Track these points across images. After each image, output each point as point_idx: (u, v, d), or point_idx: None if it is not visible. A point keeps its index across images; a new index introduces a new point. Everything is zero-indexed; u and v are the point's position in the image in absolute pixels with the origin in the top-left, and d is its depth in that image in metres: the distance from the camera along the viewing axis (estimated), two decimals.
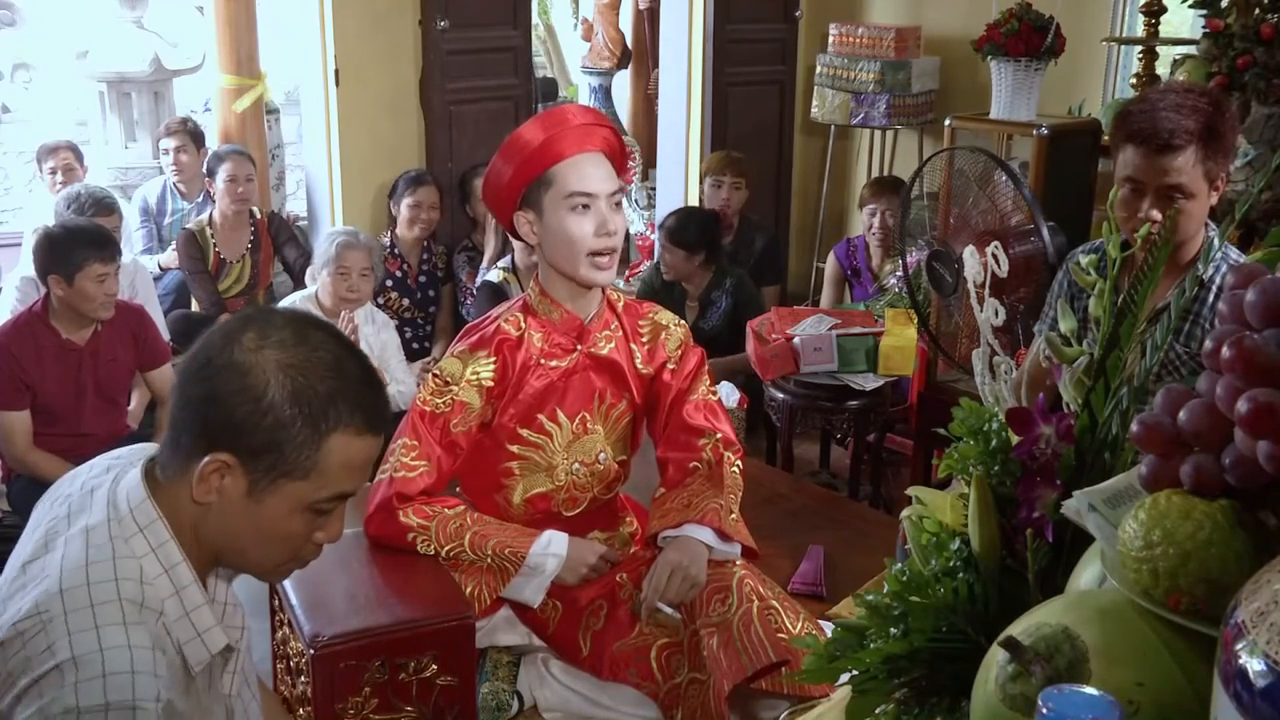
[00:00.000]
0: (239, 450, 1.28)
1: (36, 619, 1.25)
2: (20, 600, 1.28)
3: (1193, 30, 4.36)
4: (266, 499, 1.31)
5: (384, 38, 4.95)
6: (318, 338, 1.33)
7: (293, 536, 1.35)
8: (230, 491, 1.30)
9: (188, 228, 4.89)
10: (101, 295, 3.43)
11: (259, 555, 1.37)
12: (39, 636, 1.23)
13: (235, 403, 1.27)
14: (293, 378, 1.28)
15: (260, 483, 1.30)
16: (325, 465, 1.30)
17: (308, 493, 1.31)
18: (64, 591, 1.26)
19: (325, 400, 1.29)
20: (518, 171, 2.10)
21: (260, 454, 1.28)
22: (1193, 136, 2.18)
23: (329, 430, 1.30)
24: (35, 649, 1.23)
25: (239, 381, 1.27)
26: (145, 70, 6.11)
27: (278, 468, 1.29)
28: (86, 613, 1.24)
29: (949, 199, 3.26)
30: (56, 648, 1.22)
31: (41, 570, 1.30)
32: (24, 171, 6.89)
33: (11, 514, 3.55)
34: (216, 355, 1.29)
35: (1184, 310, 1.17)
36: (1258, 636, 0.67)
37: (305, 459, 1.29)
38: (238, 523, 1.33)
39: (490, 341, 2.16)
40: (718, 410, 2.32)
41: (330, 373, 1.31)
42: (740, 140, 5.62)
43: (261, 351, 1.29)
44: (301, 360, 1.30)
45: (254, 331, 1.30)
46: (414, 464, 2.12)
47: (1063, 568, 1.02)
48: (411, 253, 4.89)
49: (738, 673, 1.96)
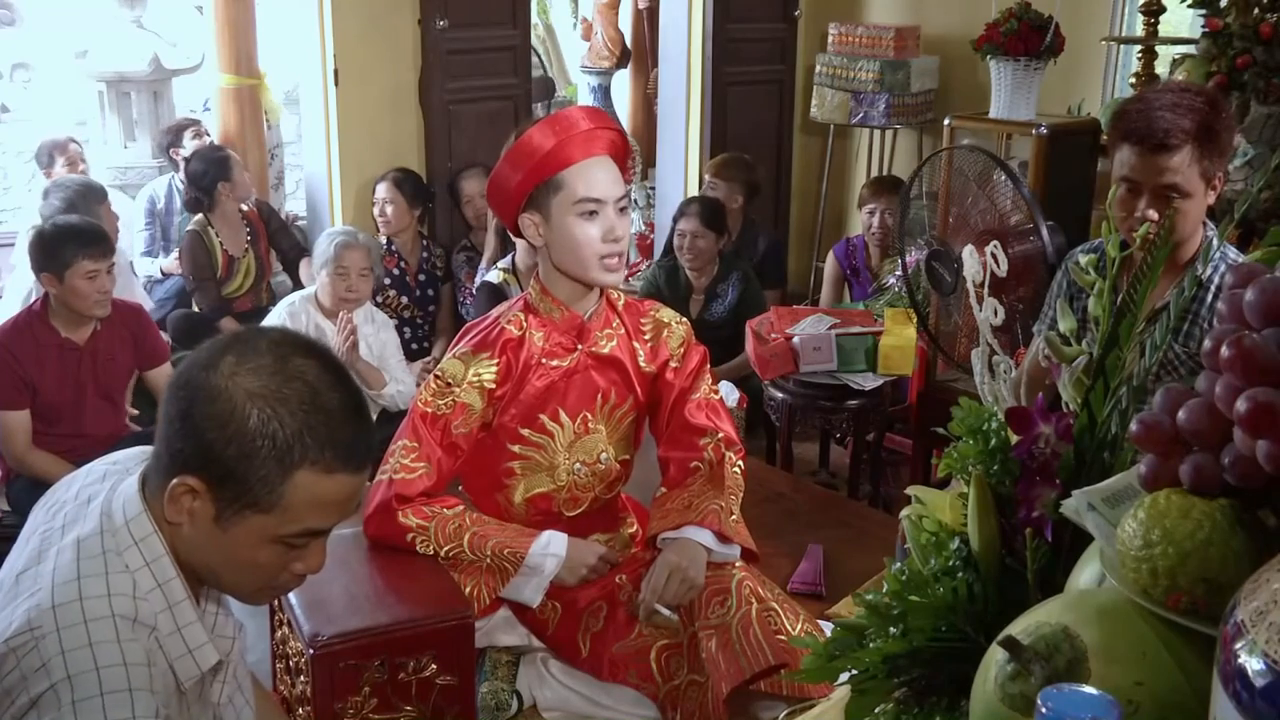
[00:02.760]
0: (207, 475, 1.25)
1: (29, 635, 1.23)
2: (11, 613, 1.26)
3: (1192, 30, 4.36)
4: (232, 529, 1.27)
5: (383, 37, 4.95)
6: (298, 366, 1.28)
7: (264, 567, 1.31)
8: (200, 515, 1.28)
9: (191, 229, 4.89)
10: (94, 293, 3.42)
11: (232, 580, 1.34)
12: (32, 654, 1.22)
13: (204, 427, 1.24)
14: (260, 408, 1.24)
15: (226, 511, 1.27)
16: (290, 501, 1.26)
17: (273, 527, 1.27)
18: (56, 607, 1.24)
19: (293, 435, 1.24)
20: (527, 175, 2.10)
21: (225, 482, 1.25)
22: (1188, 136, 2.18)
23: (294, 466, 1.25)
24: (29, 667, 1.21)
25: (209, 407, 1.24)
26: (145, 70, 6.12)
27: (241, 499, 1.26)
28: (80, 629, 1.22)
29: (948, 198, 3.26)
30: (51, 666, 1.20)
31: (34, 582, 1.29)
32: (24, 171, 6.88)
33: (11, 514, 3.55)
34: (195, 375, 1.27)
35: (1183, 310, 1.17)
36: (1257, 636, 0.67)
37: (269, 493, 1.25)
38: (209, 547, 1.30)
39: (494, 344, 2.15)
40: (720, 409, 2.32)
41: (303, 406, 1.25)
42: (740, 140, 5.62)
43: (235, 378, 1.25)
44: (273, 390, 1.25)
45: (234, 355, 1.27)
46: (414, 466, 2.11)
47: (1062, 567, 1.02)
48: (410, 252, 4.89)
49: (736, 675, 1.96)
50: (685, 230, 4.43)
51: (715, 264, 4.49)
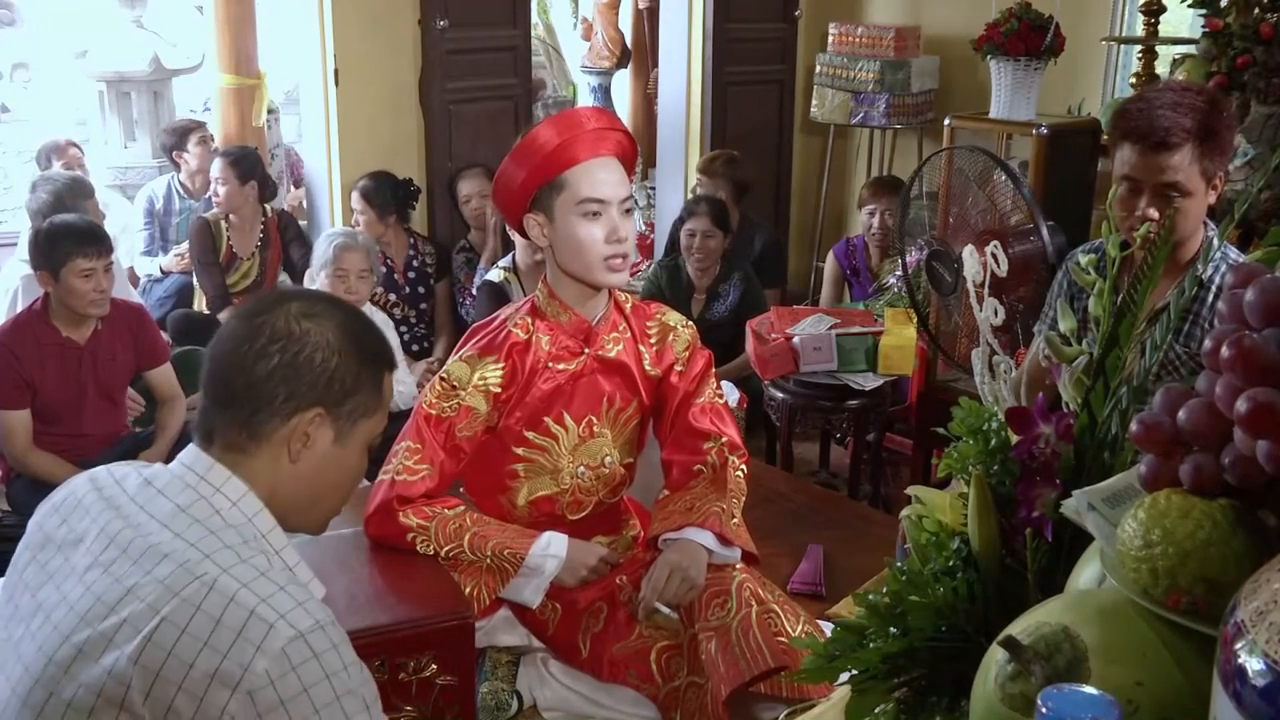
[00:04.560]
0: (327, 402, 1.44)
1: (198, 584, 1.26)
2: (151, 581, 1.27)
3: (1192, 30, 4.36)
4: (348, 443, 1.48)
5: (383, 37, 4.95)
6: (341, 303, 1.57)
7: (359, 472, 1.54)
8: (319, 443, 1.45)
9: (203, 216, 4.89)
10: (90, 291, 3.41)
11: (332, 502, 1.53)
12: (212, 596, 1.25)
13: (320, 360, 1.43)
14: (350, 332, 1.47)
15: (344, 427, 1.47)
16: (384, 400, 1.52)
17: (374, 428, 1.52)
18: (209, 555, 1.30)
19: (378, 346, 1.52)
20: (530, 175, 2.09)
21: (344, 400, 1.45)
22: (1189, 135, 2.18)
23: (384, 369, 1.52)
24: (214, 607, 1.24)
25: (317, 341, 1.43)
26: (145, 70, 6.12)
27: (358, 410, 1.47)
28: (245, 566, 1.30)
29: (948, 198, 3.26)
30: (240, 598, 1.25)
31: (155, 551, 1.30)
32: (24, 171, 6.88)
33: (11, 514, 3.55)
34: (278, 329, 1.43)
35: (1183, 310, 1.17)
36: (1257, 636, 0.67)
37: (374, 397, 1.49)
38: (323, 471, 1.47)
39: (501, 347, 2.15)
40: (723, 414, 2.31)
41: (368, 325, 1.53)
42: (740, 140, 5.63)
43: (318, 318, 1.45)
44: (350, 320, 1.50)
45: (297, 304, 1.47)
46: (416, 468, 2.11)
47: (1062, 567, 1.02)
48: (396, 250, 4.86)
49: (735, 678, 1.96)
50: (695, 229, 4.42)
51: (718, 264, 4.50)
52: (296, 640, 1.24)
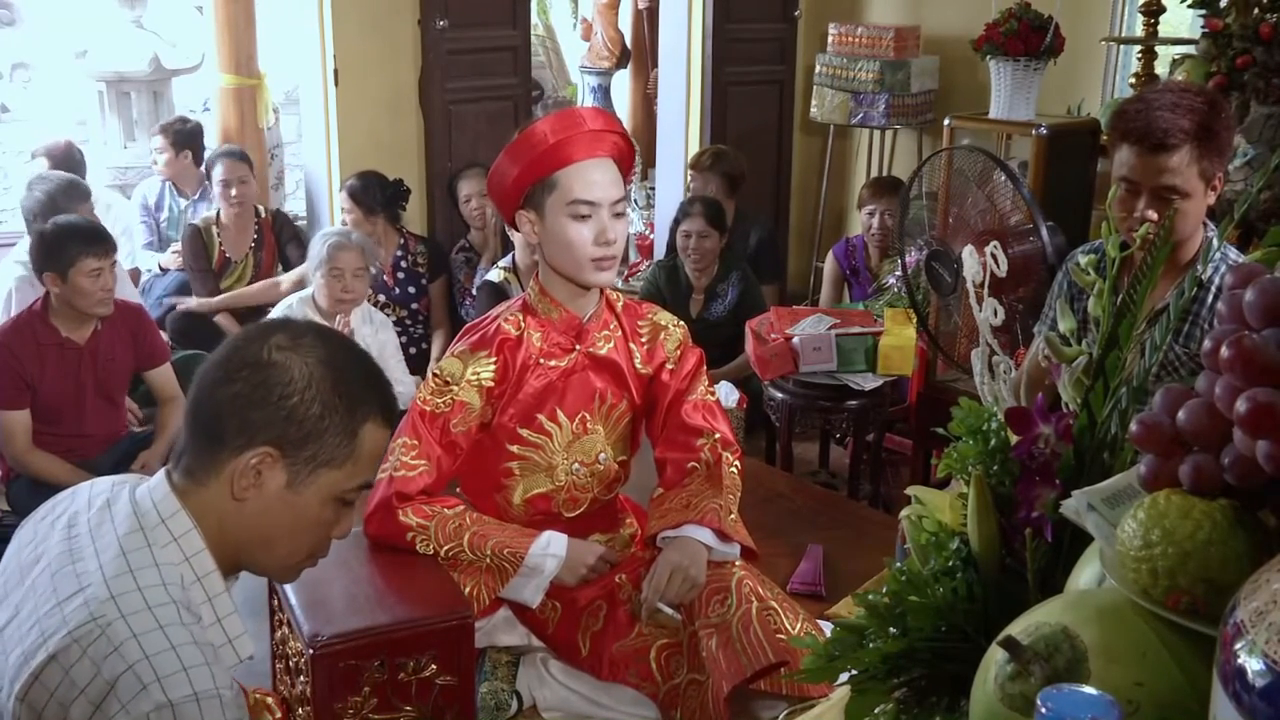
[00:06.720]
0: (282, 443, 1.35)
1: (93, 625, 1.23)
2: (60, 612, 1.26)
3: (1192, 30, 4.35)
4: (304, 490, 1.37)
5: (383, 37, 4.95)
6: (338, 339, 1.48)
7: (324, 526, 1.42)
8: (269, 485, 1.36)
9: (194, 224, 4.89)
10: (98, 291, 3.42)
11: (287, 549, 1.42)
12: (100, 641, 1.22)
13: (280, 395, 1.34)
14: (330, 370, 1.37)
15: (300, 473, 1.36)
16: (358, 453, 1.39)
17: (341, 481, 1.39)
18: (116, 597, 1.25)
19: (360, 392, 1.39)
20: (524, 170, 2.09)
21: (303, 444, 1.35)
22: (1187, 136, 2.18)
23: (363, 419, 1.39)
24: (99, 654, 1.21)
25: (282, 376, 1.35)
26: (144, 70, 6.11)
27: (318, 457, 1.36)
28: (146, 615, 1.25)
29: (948, 199, 3.26)
30: (125, 650, 1.21)
31: (75, 581, 1.29)
32: (23, 171, 6.88)
33: (11, 514, 3.55)
34: (251, 357, 1.36)
35: (1183, 310, 1.17)
36: (1257, 636, 0.67)
37: (344, 447, 1.38)
38: (273, 515, 1.38)
39: (491, 341, 2.16)
40: (716, 410, 2.32)
41: (358, 368, 1.42)
42: (740, 140, 5.62)
43: (294, 351, 1.37)
44: (332, 356, 1.39)
45: (283, 334, 1.39)
46: (414, 463, 2.12)
47: (1062, 567, 1.02)
48: (385, 251, 4.82)
49: (736, 674, 1.96)
50: (690, 230, 4.42)
51: (716, 263, 4.50)
52: (164, 709, 1.18)
